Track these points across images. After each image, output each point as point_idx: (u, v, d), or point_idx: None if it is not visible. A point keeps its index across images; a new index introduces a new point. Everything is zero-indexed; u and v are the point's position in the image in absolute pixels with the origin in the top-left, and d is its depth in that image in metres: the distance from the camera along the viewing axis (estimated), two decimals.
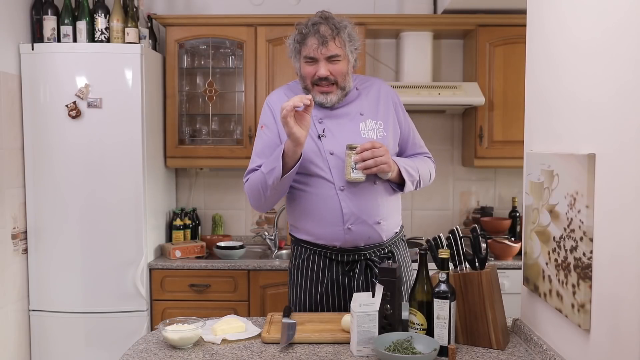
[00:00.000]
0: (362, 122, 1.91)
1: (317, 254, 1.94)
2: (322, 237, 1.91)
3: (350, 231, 1.87)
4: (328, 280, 1.92)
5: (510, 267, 2.89)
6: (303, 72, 1.89)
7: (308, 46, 1.84)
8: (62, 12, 2.93)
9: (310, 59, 1.85)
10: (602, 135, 1.24)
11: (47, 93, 2.84)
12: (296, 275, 1.99)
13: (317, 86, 1.87)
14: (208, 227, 3.49)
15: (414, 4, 3.27)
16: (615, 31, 1.19)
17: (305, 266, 1.96)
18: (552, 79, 1.53)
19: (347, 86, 1.90)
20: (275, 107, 1.94)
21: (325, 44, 1.81)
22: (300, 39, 1.86)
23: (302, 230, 1.96)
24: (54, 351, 2.91)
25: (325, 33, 1.82)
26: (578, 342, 1.35)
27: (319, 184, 1.88)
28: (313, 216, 1.90)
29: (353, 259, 1.91)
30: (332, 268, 1.92)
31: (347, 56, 1.87)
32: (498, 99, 3.13)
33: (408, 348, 1.47)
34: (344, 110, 1.93)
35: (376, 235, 1.91)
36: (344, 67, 1.87)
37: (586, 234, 1.28)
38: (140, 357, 1.53)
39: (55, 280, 2.88)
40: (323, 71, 1.83)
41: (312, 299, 1.94)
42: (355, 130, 1.90)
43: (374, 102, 1.96)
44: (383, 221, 1.91)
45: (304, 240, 1.96)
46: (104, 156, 2.86)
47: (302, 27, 1.86)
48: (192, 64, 3.32)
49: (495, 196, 3.49)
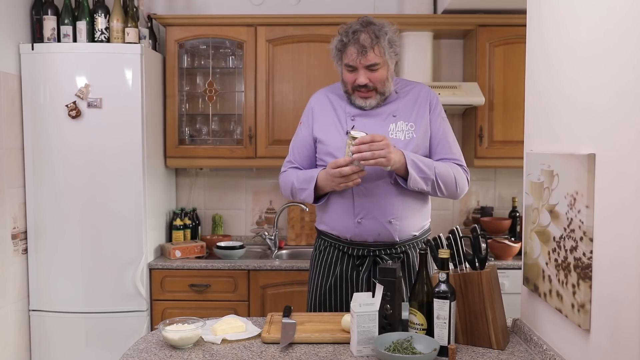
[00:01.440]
0: (392, 123, 1.96)
1: (332, 246, 2.03)
2: (335, 228, 2.00)
3: (360, 225, 1.93)
4: (337, 273, 2.00)
5: (510, 267, 2.89)
6: (344, 78, 1.97)
7: (348, 55, 1.91)
8: (62, 12, 2.93)
9: (350, 67, 1.92)
10: (602, 135, 1.24)
11: (47, 93, 2.84)
12: (314, 266, 2.10)
13: (357, 92, 1.95)
14: (208, 227, 3.49)
15: (414, 4, 3.27)
16: (615, 32, 1.20)
17: (321, 257, 2.06)
18: (552, 79, 1.53)
19: (386, 91, 1.96)
20: (316, 106, 2.07)
21: (364, 54, 1.87)
22: (340, 47, 1.93)
23: (322, 220, 2.07)
24: (54, 351, 2.91)
25: (365, 42, 1.87)
26: (578, 342, 1.35)
27: None
28: (329, 206, 2.00)
29: (362, 253, 1.97)
30: (343, 261, 2.00)
31: (387, 62, 1.92)
32: (498, 99, 3.13)
33: (408, 348, 1.47)
34: (378, 110, 1.99)
35: (387, 233, 1.94)
36: (384, 74, 1.93)
37: (586, 234, 1.28)
38: (140, 357, 1.53)
39: (55, 280, 2.88)
40: (362, 79, 1.91)
41: (323, 289, 2.02)
42: (384, 131, 1.95)
43: (410, 105, 2.00)
44: (396, 221, 1.94)
45: (324, 231, 2.06)
46: (104, 156, 2.86)
47: (343, 34, 1.93)
48: (192, 64, 3.32)
49: (495, 196, 3.49)
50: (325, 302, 2.01)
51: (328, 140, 1.99)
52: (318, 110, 2.06)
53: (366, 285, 1.95)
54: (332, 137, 1.99)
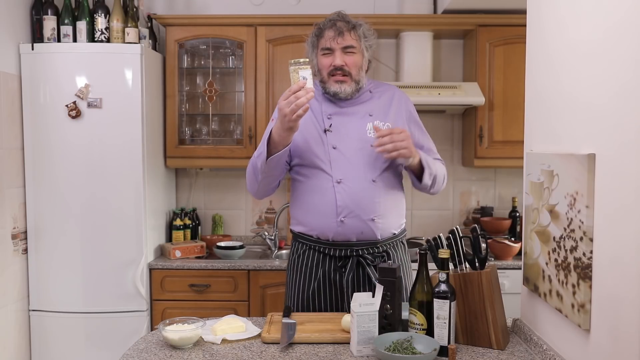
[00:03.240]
0: (369, 122, 1.96)
1: (312, 249, 1.97)
2: (316, 228, 1.94)
3: (343, 224, 1.90)
4: (320, 276, 1.95)
5: (510, 267, 2.89)
6: (320, 64, 1.96)
7: (325, 37, 1.93)
8: (62, 12, 2.93)
9: (327, 50, 1.93)
10: (602, 135, 1.24)
11: (47, 93, 2.84)
12: (292, 271, 2.03)
13: (332, 76, 1.94)
14: (208, 227, 3.49)
15: (414, 4, 3.27)
16: (615, 31, 1.20)
17: (300, 261, 2.00)
18: (552, 79, 1.53)
19: (360, 80, 1.96)
20: None
21: (341, 35, 1.91)
22: (317, 33, 1.96)
23: (299, 221, 2.00)
24: (54, 351, 2.91)
25: (342, 26, 1.92)
26: (578, 342, 1.35)
27: (317, 175, 1.93)
28: (309, 206, 1.95)
29: (345, 254, 1.93)
30: (324, 263, 1.95)
31: (362, 51, 1.95)
32: (498, 99, 3.13)
33: (408, 348, 1.47)
34: (354, 109, 1.98)
35: (370, 232, 1.92)
36: (359, 60, 1.95)
37: (586, 234, 1.28)
38: (140, 357, 1.53)
39: (55, 280, 2.88)
40: (338, 60, 1.91)
41: (305, 294, 1.96)
42: (362, 129, 1.95)
43: (386, 105, 2.01)
44: (378, 219, 1.92)
45: (301, 233, 2.00)
46: (104, 156, 2.86)
47: (320, 23, 1.97)
48: (192, 64, 3.32)
49: (495, 196, 3.49)
50: (309, 307, 1.96)
51: (304, 139, 1.93)
52: None
53: (351, 286, 1.92)
54: (310, 135, 1.94)
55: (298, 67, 1.72)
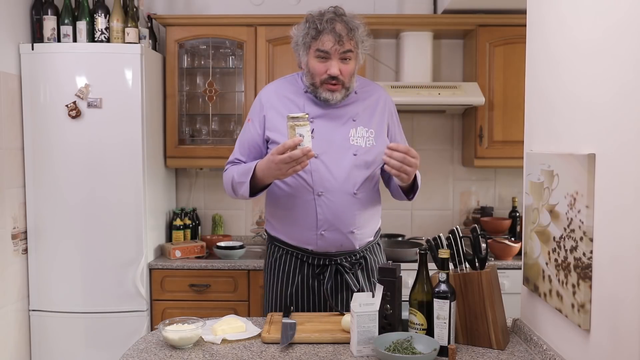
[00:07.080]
0: (352, 128, 1.90)
1: (289, 254, 1.95)
2: (295, 239, 1.92)
3: (323, 237, 1.88)
4: (298, 281, 1.93)
5: (510, 267, 2.89)
6: (313, 68, 1.86)
7: (324, 42, 1.82)
8: (62, 12, 2.93)
9: (323, 53, 1.83)
10: (602, 135, 1.24)
11: (47, 93, 2.84)
12: (269, 274, 2.00)
13: (326, 84, 1.86)
14: (208, 227, 3.49)
15: (414, 4, 3.27)
16: (615, 31, 1.20)
17: (277, 265, 1.97)
18: (552, 79, 1.53)
19: (351, 87, 1.90)
20: (267, 104, 1.93)
21: (340, 42, 1.81)
22: (314, 35, 1.83)
23: (277, 229, 1.98)
24: (54, 351, 2.91)
25: (342, 32, 1.81)
26: (578, 342, 1.35)
27: (298, 186, 1.88)
28: (288, 218, 1.92)
29: (324, 262, 1.92)
30: (303, 269, 1.93)
31: (357, 56, 1.88)
32: (498, 99, 3.13)
33: (408, 348, 1.47)
34: (338, 112, 1.91)
35: (349, 243, 1.91)
36: (353, 67, 1.88)
37: (586, 234, 1.28)
38: (140, 357, 1.53)
39: (55, 280, 2.88)
40: (335, 70, 1.83)
41: (282, 298, 1.95)
42: (345, 136, 1.89)
43: (370, 110, 1.96)
44: (357, 230, 1.91)
45: (279, 239, 1.97)
46: (104, 156, 2.86)
47: (316, 21, 1.83)
48: (192, 64, 3.32)
49: (495, 196, 3.49)
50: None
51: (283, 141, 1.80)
52: (270, 107, 1.92)
53: (330, 294, 1.90)
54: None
55: (295, 123, 1.66)
